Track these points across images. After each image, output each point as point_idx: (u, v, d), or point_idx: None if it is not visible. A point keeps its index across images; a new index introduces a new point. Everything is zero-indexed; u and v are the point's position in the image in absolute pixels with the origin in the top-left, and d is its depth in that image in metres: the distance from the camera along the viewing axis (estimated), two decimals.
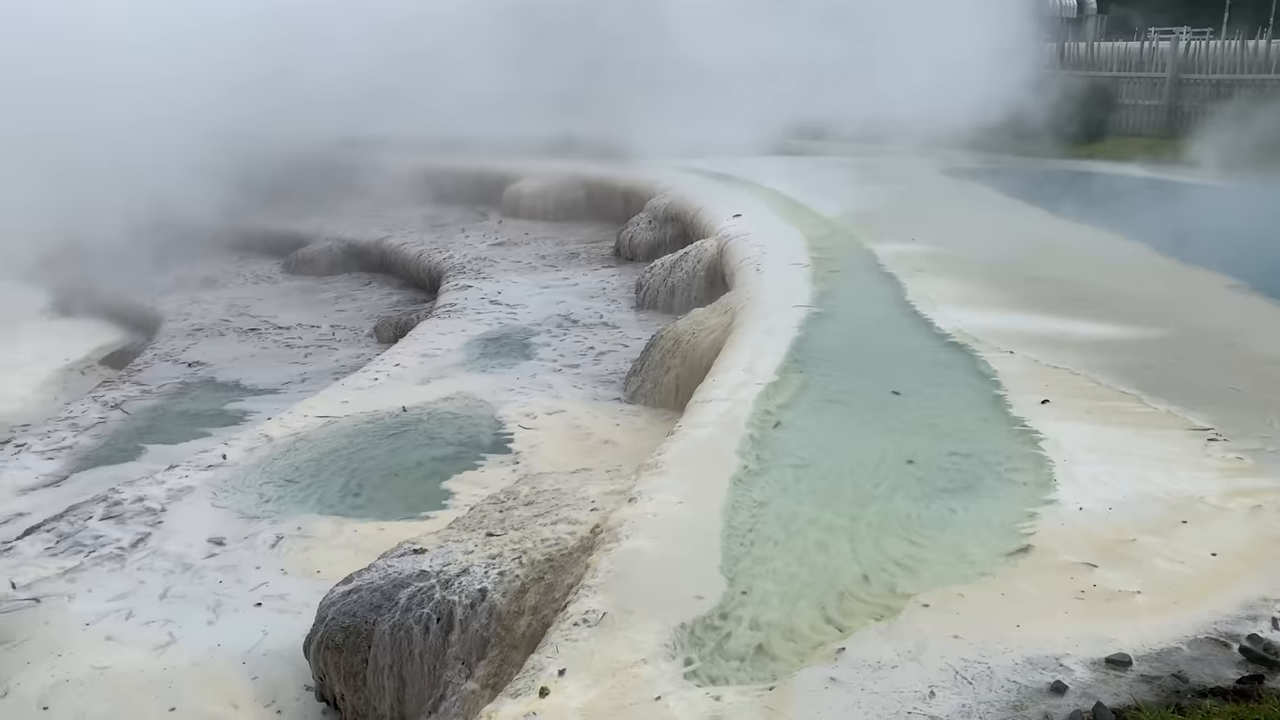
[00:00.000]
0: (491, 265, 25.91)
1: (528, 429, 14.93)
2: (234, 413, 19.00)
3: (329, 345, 23.60)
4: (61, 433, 17.92)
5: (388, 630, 8.15)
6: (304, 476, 13.59)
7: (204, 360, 22.31)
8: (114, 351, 25.05)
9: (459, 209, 33.75)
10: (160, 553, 11.42)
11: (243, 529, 11.98)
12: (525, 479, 10.44)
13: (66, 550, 11.57)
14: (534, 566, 8.15)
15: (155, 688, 8.95)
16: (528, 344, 19.19)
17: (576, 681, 5.88)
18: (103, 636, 9.72)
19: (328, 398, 16.62)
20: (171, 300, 27.30)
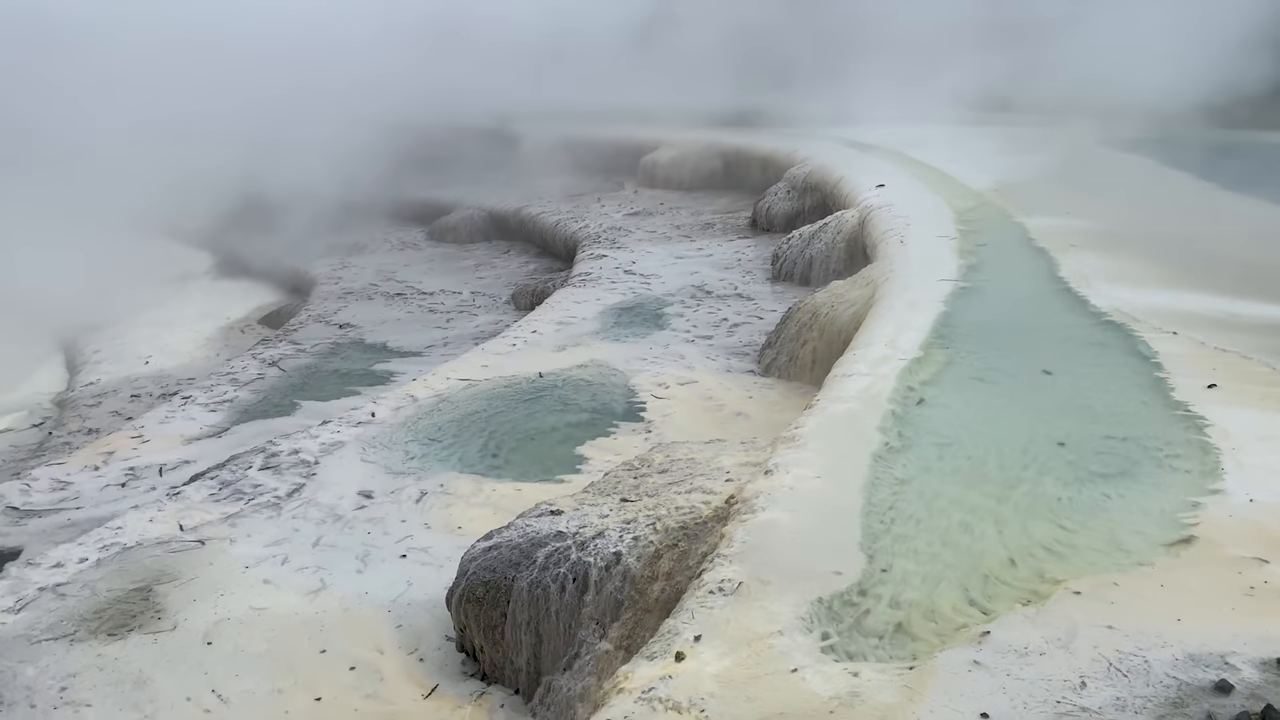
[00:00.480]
0: (626, 235, 26.07)
1: (660, 398, 15.01)
2: (381, 373, 19.78)
3: (469, 311, 24.26)
4: (223, 387, 19.04)
5: (526, 587, 8.36)
6: (446, 436, 14.05)
7: (353, 322, 23.27)
8: (271, 311, 26.41)
9: (595, 178, 34.03)
10: (313, 503, 12.03)
11: (389, 484, 12.49)
12: (659, 447, 10.50)
13: (228, 497, 12.31)
14: (668, 533, 8.21)
15: (308, 630, 9.46)
16: (661, 314, 19.25)
17: (712, 648, 5.90)
18: (260, 580, 10.32)
19: (468, 361, 17.10)
20: (324, 264, 28.56)
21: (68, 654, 9.00)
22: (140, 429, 16.88)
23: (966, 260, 15.18)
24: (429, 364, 19.79)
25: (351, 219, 31.61)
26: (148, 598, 9.94)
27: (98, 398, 20.57)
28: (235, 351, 22.71)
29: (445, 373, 16.38)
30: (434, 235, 31.70)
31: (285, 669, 8.86)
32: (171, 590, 10.06)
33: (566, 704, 7.95)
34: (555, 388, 15.63)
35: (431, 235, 31.75)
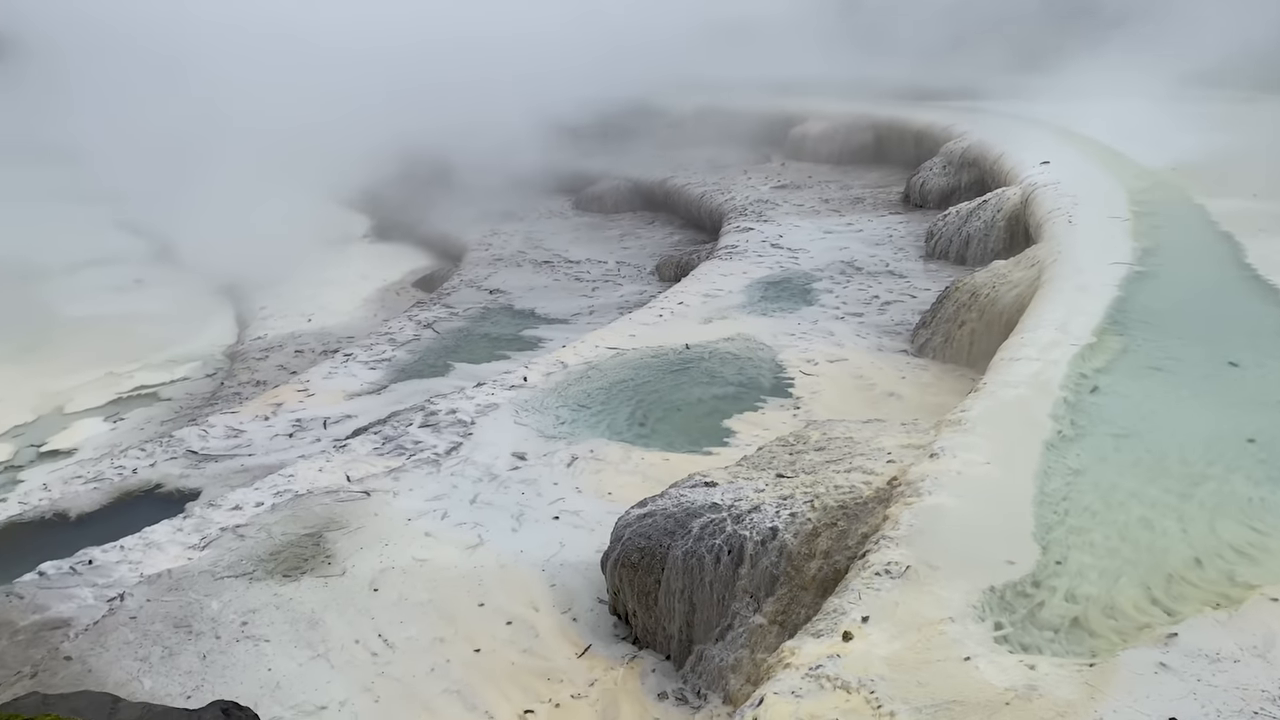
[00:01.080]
0: (773, 208, 25.77)
1: (808, 375, 14.83)
2: (529, 338, 20.23)
3: (614, 280, 24.50)
4: (382, 346, 19.85)
5: (680, 556, 8.44)
6: (595, 403, 14.28)
7: (503, 288, 23.85)
8: (425, 275, 27.32)
9: (742, 150, 33.71)
10: (470, 461, 12.44)
11: (542, 447, 12.80)
12: (814, 424, 10.39)
13: (391, 452, 12.85)
14: (826, 511, 8.13)
15: (466, 583, 9.81)
16: (809, 289, 18.99)
17: (880, 630, 5.82)
18: (422, 532, 10.75)
19: (616, 330, 17.30)
20: (475, 231, 29.31)
21: (247, 591, 9.60)
22: (306, 383, 17.77)
23: (1141, 243, 14.37)
24: (575, 331, 20.12)
25: (502, 188, 32.28)
26: (318, 543, 10.50)
27: (265, 351, 21.74)
28: (392, 312, 23.60)
29: (594, 341, 16.62)
30: (581, 205, 32.09)
31: (446, 619, 9.22)
32: (340, 537, 10.60)
33: (718, 674, 8.01)
34: (702, 360, 15.65)
35: (578, 205, 32.16)
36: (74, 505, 12.87)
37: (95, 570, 9.92)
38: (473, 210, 31.28)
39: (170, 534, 10.70)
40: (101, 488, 13.36)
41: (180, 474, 13.81)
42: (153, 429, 18.00)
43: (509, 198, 32.16)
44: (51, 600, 9.41)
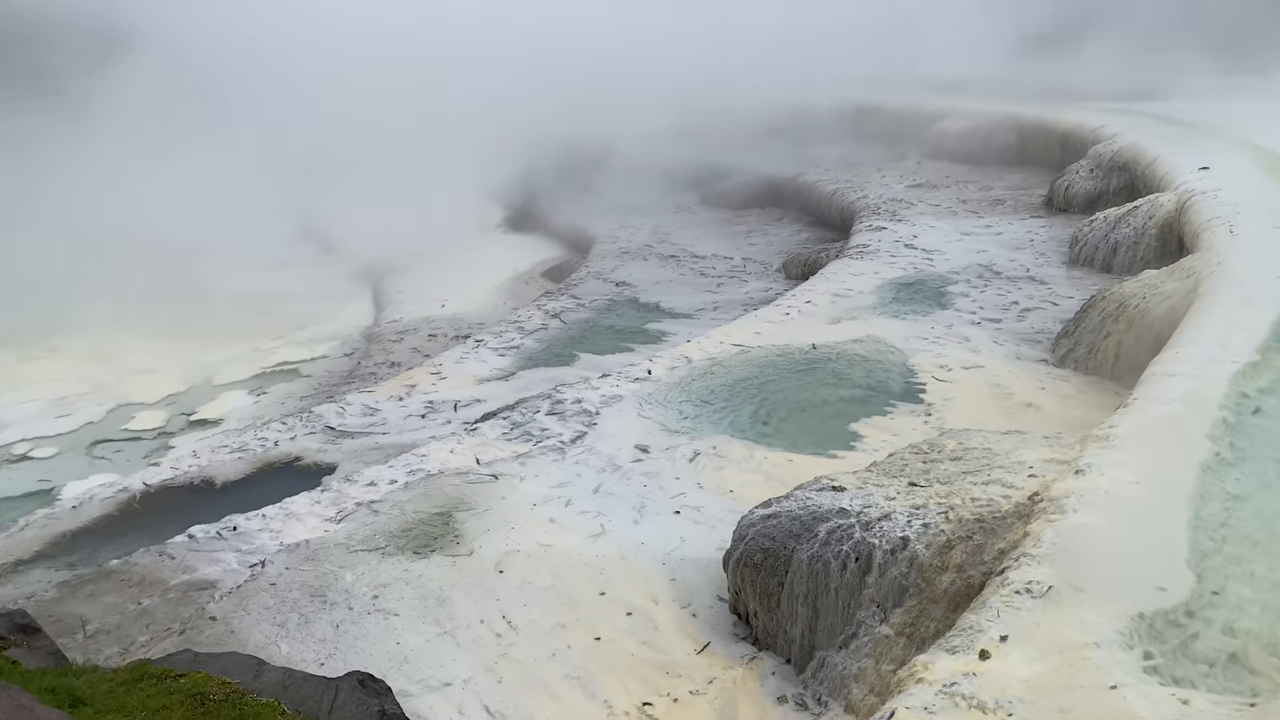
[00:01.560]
0: (908, 207, 25.14)
1: (941, 381, 14.42)
2: (654, 332, 20.29)
3: (739, 276, 24.35)
4: (510, 334, 20.23)
5: (805, 560, 8.32)
6: (718, 399, 14.23)
7: (629, 281, 23.99)
8: (553, 266, 27.72)
9: (877, 147, 32.98)
10: (594, 451, 12.56)
11: (664, 441, 12.82)
12: (950, 433, 10.08)
13: (518, 437, 13.09)
14: (961, 524, 7.87)
15: (588, 571, 9.91)
16: (944, 292, 18.45)
17: (1020, 651, 5.60)
18: (547, 518, 10.91)
19: (741, 327, 17.18)
20: (604, 224, 29.57)
21: (379, 565, 9.93)
22: (438, 366, 18.26)
23: None
24: (699, 326, 20.08)
25: (632, 181, 32.46)
26: (448, 522, 10.79)
27: (400, 334, 22.44)
28: (521, 301, 24.04)
29: (719, 337, 16.55)
30: (708, 200, 32.00)
31: (568, 606, 9.34)
32: (468, 518, 10.85)
33: (840, 681, 7.87)
34: (829, 360, 15.39)
35: (706, 200, 32.07)
36: (220, 473, 13.56)
37: (239, 536, 10.43)
38: (602, 203, 31.56)
39: (309, 506, 11.16)
40: (245, 458, 14.03)
41: (318, 448, 14.37)
42: (293, 404, 18.81)
43: (639, 191, 32.31)
44: (199, 562, 9.94)
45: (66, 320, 22.61)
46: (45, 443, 16.98)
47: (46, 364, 20.80)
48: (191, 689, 5.45)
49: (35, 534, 11.74)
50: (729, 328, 17.27)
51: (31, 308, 22.93)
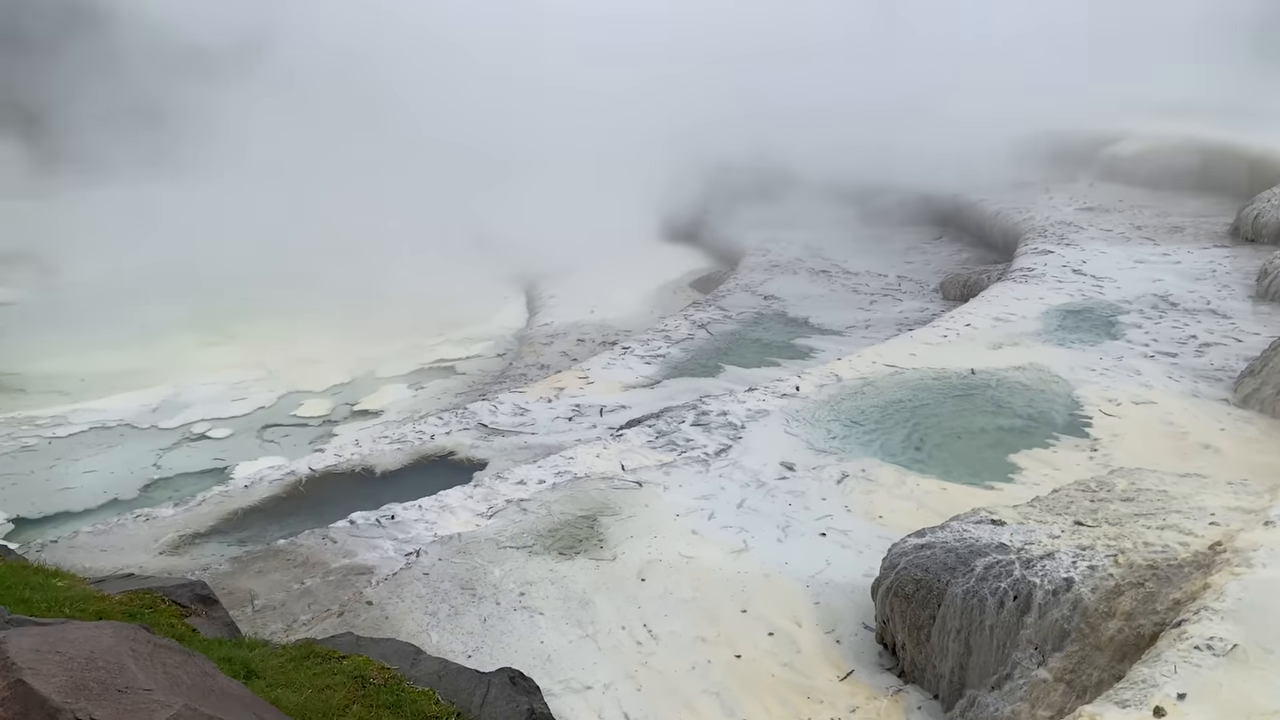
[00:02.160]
0: (1077, 231, 24.01)
1: (1109, 415, 13.68)
2: (801, 347, 20.05)
3: (894, 295, 23.80)
4: (657, 342, 20.37)
5: (960, 594, 8.02)
6: (869, 420, 13.92)
7: (778, 294, 23.79)
8: (702, 276, 27.78)
9: (1045, 168, 31.66)
10: (739, 465, 12.49)
11: (811, 460, 12.63)
12: (1120, 472, 9.54)
13: (663, 446, 13.15)
14: (1132, 569, 7.42)
15: (730, 587, 9.85)
16: (1114, 322, 17.52)
17: (1200, 712, 5.24)
18: (689, 530, 10.91)
19: (895, 348, 16.78)
20: (755, 236, 29.45)
21: (526, 563, 10.14)
22: (586, 371, 18.55)
23: None
24: (849, 344, 19.71)
25: (785, 194, 32.21)
26: (592, 526, 10.93)
27: (550, 338, 22.93)
28: (668, 311, 24.17)
29: (871, 356, 16.22)
30: (864, 216, 31.42)
31: (708, 620, 9.30)
32: (612, 523, 10.96)
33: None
34: (988, 387, 14.85)
35: (862, 216, 31.49)
36: (380, 462, 14.15)
37: (396, 525, 10.85)
38: (754, 215, 31.44)
39: (461, 500, 11.52)
40: (403, 449, 14.59)
41: (471, 444, 14.81)
42: (448, 400, 19.48)
43: (792, 205, 32.03)
44: (358, 548, 10.39)
45: (246, 310, 24.11)
46: (221, 424, 18.11)
47: (225, 350, 22.21)
48: (353, 671, 5.68)
49: (210, 510, 12.53)
50: (882, 347, 16.90)
51: (216, 297, 24.58)
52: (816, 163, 31.92)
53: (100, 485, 15.40)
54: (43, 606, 5.92)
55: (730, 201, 32.56)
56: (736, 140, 33.39)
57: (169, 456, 16.66)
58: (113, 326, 23.11)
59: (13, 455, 16.57)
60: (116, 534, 11.74)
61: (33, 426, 17.84)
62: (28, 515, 14.50)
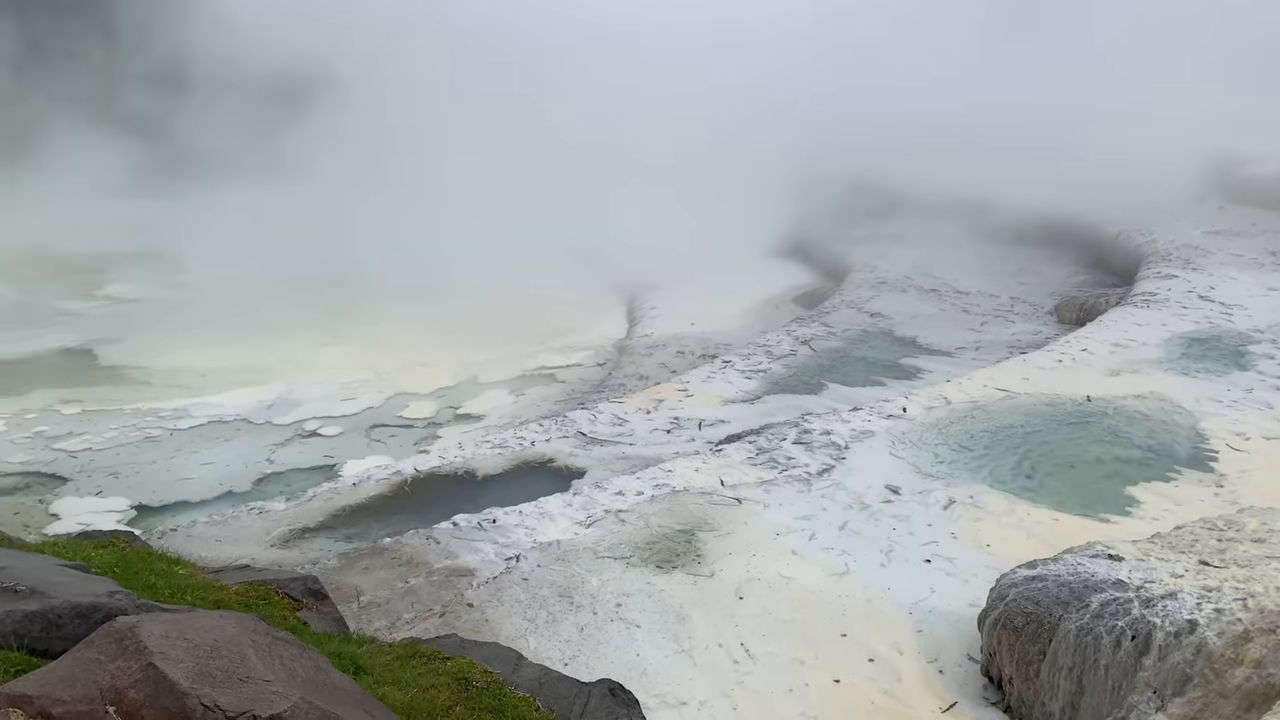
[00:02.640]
0: (1205, 255, 22.97)
1: (1237, 450, 13.01)
2: (908, 367, 19.62)
3: (1006, 316, 23.12)
4: (758, 357, 20.21)
5: (1073, 631, 7.69)
6: (978, 445, 13.53)
7: (884, 312, 23.37)
8: (805, 292, 27.49)
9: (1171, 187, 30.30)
10: (841, 486, 12.27)
11: (917, 484, 12.33)
12: (1251, 511, 9.04)
13: (763, 463, 13.02)
14: (1263, 615, 7.00)
15: (829, 610, 9.67)
16: (1244, 352, 16.68)
17: None
18: (789, 549, 10.76)
19: (1007, 371, 16.31)
20: (861, 252, 29.01)
21: (624, 574, 10.14)
22: (686, 384, 18.52)
23: None
24: (958, 366, 19.22)
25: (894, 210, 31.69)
26: (690, 541, 10.87)
27: (650, 349, 22.98)
28: (770, 325, 23.98)
29: (982, 379, 15.79)
30: (975, 233, 30.62)
31: (807, 642, 9.14)
32: (711, 539, 10.89)
33: None
34: (1104, 415, 14.30)
35: (973, 233, 30.70)
36: (481, 466, 14.37)
37: (497, 529, 10.99)
38: (862, 230, 30.99)
39: (561, 507, 11.60)
40: (504, 454, 14.80)
41: (570, 452, 14.93)
42: (548, 407, 19.69)
43: (900, 221, 31.49)
44: (460, 550, 10.55)
45: (357, 312, 24.86)
46: (332, 422, 18.69)
47: (337, 350, 22.93)
48: (457, 672, 5.76)
49: (320, 505, 12.91)
50: (993, 370, 16.44)
51: (329, 299, 25.40)
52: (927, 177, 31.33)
53: (216, 477, 16.04)
54: (166, 593, 6.16)
55: (837, 216, 32.18)
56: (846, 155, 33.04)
57: (281, 452, 17.25)
58: (232, 324, 24.10)
59: (137, 445, 17.39)
60: (231, 525, 12.20)
61: (156, 418, 18.71)
62: (148, 503, 15.19)
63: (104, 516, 14.59)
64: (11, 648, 4.44)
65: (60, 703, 3.71)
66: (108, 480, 15.89)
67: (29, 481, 16.03)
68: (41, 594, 4.86)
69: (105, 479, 15.94)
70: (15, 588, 4.94)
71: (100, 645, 3.93)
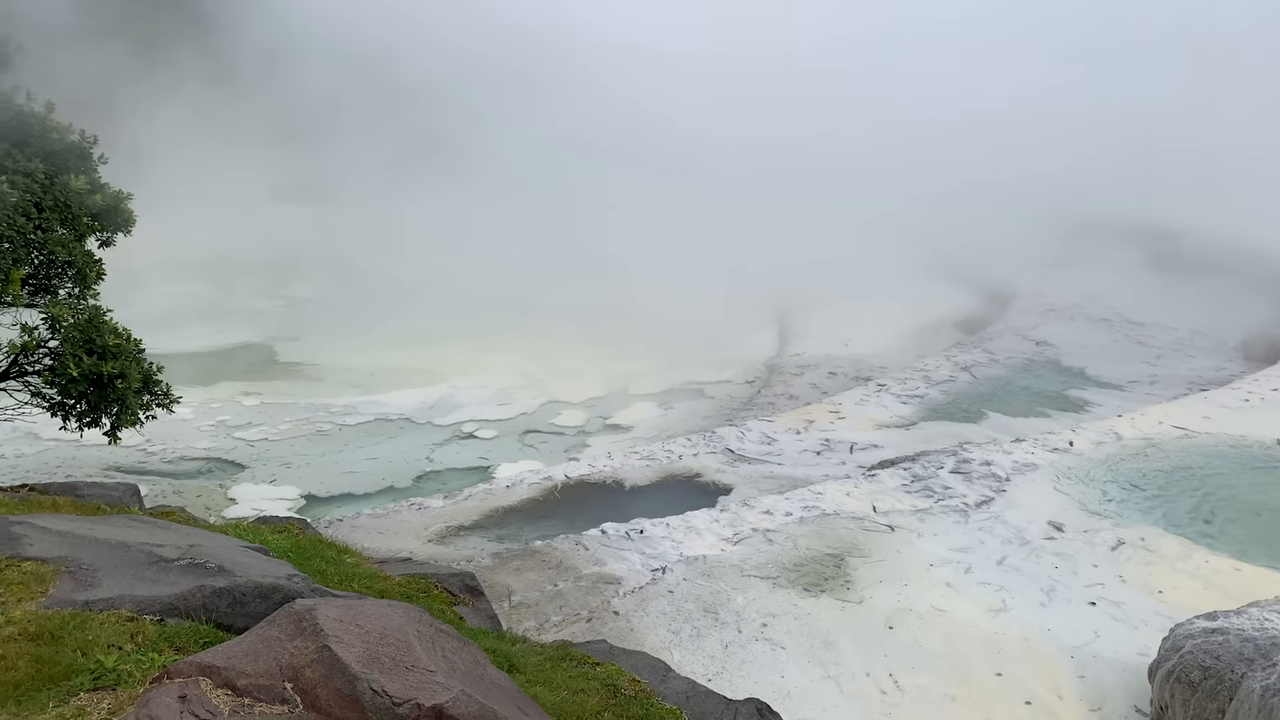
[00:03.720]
0: None
1: None
2: (1075, 399, 18.69)
3: (1184, 350, 21.72)
4: (915, 382, 19.67)
5: (1258, 690, 7.12)
6: (1151, 485, 12.75)
7: (1051, 341, 22.34)
8: (965, 317, 26.56)
9: None
10: (1001, 520, 11.77)
11: (1083, 522, 11.70)
12: None
13: (918, 491, 12.63)
14: None
15: (984, 647, 9.27)
16: None
17: None
18: (943, 581, 10.39)
19: (1186, 408, 15.33)
20: (1028, 278, 27.83)
21: (769, 595, 10.03)
22: (838, 405, 18.20)
23: None
24: (1131, 400, 18.19)
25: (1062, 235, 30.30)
26: (839, 565, 10.65)
27: (800, 368, 22.70)
28: (927, 349, 23.30)
29: (1157, 415, 14.90)
30: (1153, 260, 28.95)
31: (960, 678, 8.80)
32: (860, 565, 10.64)
33: None
34: None
35: (1150, 260, 29.03)
36: (629, 477, 14.51)
37: (645, 540, 11.06)
38: (1027, 256, 29.72)
39: (708, 522, 11.58)
40: (652, 466, 14.90)
41: (718, 468, 14.90)
42: (696, 421, 19.71)
43: (1068, 245, 30.06)
44: (608, 557, 10.67)
45: (515, 321, 25.56)
46: (488, 425, 19.26)
47: (495, 357, 23.62)
48: (606, 678, 5.81)
49: (475, 505, 13.32)
50: (1170, 406, 15.50)
51: (490, 307, 26.22)
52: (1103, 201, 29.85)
53: (379, 472, 16.78)
54: (335, 579, 6.48)
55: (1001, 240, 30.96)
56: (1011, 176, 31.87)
57: (440, 451, 17.89)
58: (399, 327, 25.21)
59: (309, 439, 18.39)
60: (392, 519, 12.73)
61: (327, 413, 19.74)
62: (317, 493, 16.02)
63: (276, 503, 15.49)
64: (201, 620, 4.77)
65: (244, 675, 3.95)
66: (281, 469, 16.85)
67: (211, 466, 17.18)
68: (228, 572, 5.20)
69: (279, 468, 16.91)
70: (205, 564, 5.31)
71: (281, 624, 4.16)
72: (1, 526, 5.73)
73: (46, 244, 11.09)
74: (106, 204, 11.64)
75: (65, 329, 10.24)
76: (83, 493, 8.33)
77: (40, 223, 10.99)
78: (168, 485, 15.96)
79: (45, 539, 5.49)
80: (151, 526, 6.78)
